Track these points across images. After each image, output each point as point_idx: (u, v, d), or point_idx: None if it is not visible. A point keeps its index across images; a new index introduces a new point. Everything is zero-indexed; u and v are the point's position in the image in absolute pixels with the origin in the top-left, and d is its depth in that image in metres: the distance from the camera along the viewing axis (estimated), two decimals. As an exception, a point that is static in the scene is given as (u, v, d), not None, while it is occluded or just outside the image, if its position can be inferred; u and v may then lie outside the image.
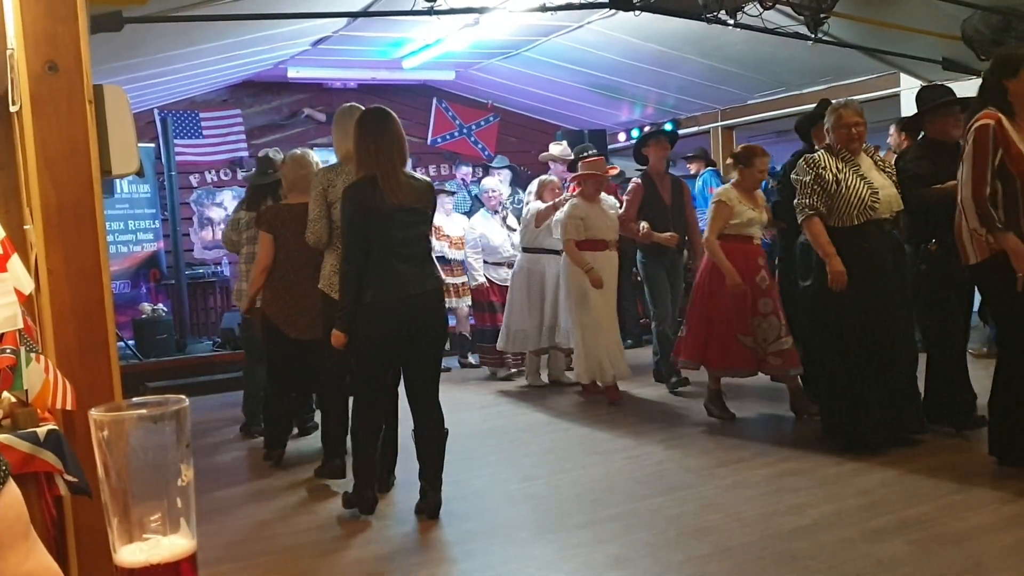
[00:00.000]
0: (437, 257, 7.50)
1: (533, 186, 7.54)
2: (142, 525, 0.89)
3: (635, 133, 10.60)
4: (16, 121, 2.90)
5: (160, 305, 8.67)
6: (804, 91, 8.62)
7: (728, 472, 4.52)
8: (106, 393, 2.54)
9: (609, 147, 10.25)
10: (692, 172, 9.37)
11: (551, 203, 6.74)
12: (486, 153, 10.75)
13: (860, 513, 3.80)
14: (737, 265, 5.42)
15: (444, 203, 8.17)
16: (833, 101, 4.91)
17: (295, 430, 5.76)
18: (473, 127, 10.92)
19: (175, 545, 0.90)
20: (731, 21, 6.02)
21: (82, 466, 2.42)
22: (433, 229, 7.66)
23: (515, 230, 7.62)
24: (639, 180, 6.77)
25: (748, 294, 5.42)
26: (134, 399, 0.92)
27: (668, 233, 6.51)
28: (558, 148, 7.91)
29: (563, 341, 6.96)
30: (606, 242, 6.38)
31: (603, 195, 6.51)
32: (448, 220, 8.20)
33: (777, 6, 5.93)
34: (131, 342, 8.04)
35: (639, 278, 7.18)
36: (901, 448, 4.66)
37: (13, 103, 2.70)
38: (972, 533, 3.48)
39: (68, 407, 2.43)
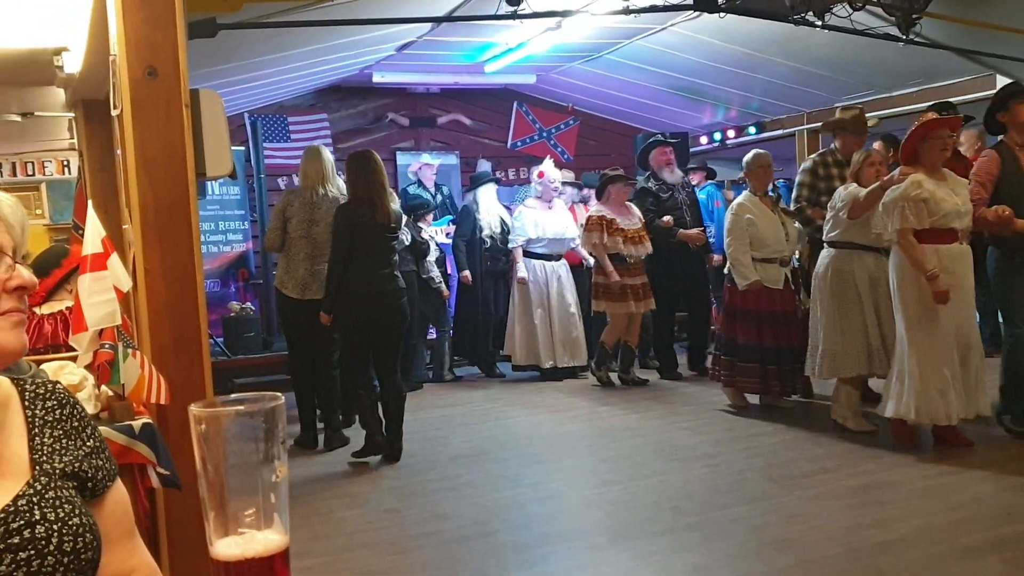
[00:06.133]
0: (612, 255, 7.09)
1: (806, 164, 6.07)
2: (237, 519, 0.90)
3: (717, 136, 10.45)
4: (117, 125, 3.00)
5: (248, 304, 8.87)
6: (894, 94, 8.37)
7: (812, 483, 4.41)
8: (198, 389, 2.61)
9: (691, 150, 10.11)
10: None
11: (876, 185, 5.01)
12: (565, 156, 10.73)
13: (951, 529, 3.66)
14: None
15: (620, 192, 7.23)
16: None
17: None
18: (553, 131, 10.90)
19: (269, 540, 0.91)
20: (819, 22, 5.88)
21: (173, 460, 2.49)
22: (600, 223, 7.11)
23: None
24: (993, 151, 5.15)
25: None
26: (231, 395, 0.94)
27: None
28: (850, 113, 6.02)
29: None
30: (955, 232, 4.72)
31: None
32: (620, 213, 7.16)
33: (867, 7, 5.77)
34: (220, 339, 8.26)
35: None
36: (995, 463, 4.49)
37: (114, 107, 2.79)
38: (1072, 554, 3.33)
39: (162, 402, 2.50)
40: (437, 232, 8.44)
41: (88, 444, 1.11)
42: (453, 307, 8.25)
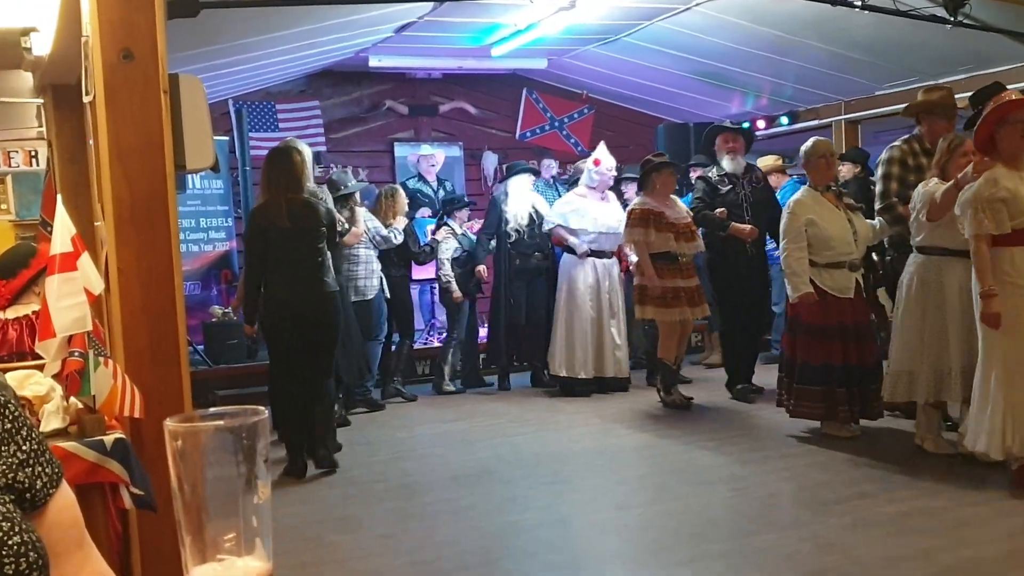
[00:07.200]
0: (662, 253, 6.77)
1: (891, 152, 5.65)
2: (216, 544, 0.90)
3: (745, 126, 10.43)
4: (89, 112, 3.01)
5: (231, 308, 8.90)
6: (940, 80, 8.34)
7: (848, 509, 4.39)
8: (176, 401, 2.62)
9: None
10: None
11: (949, 184, 4.74)
12: (579, 148, 10.74)
13: (1001, 561, 3.65)
14: None
15: (666, 182, 6.94)
16: None
17: None
18: (565, 120, 10.91)
19: (250, 567, 0.91)
20: (858, 3, 5.88)
21: (148, 479, 2.49)
22: (646, 217, 6.76)
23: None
24: None
25: None
26: (210, 409, 0.94)
27: None
28: (937, 93, 5.72)
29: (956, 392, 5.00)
30: None
31: None
32: (667, 205, 6.90)
33: (911, -15, 5.78)
34: (200, 347, 8.27)
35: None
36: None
37: (86, 93, 2.81)
38: None
39: (136, 415, 2.51)
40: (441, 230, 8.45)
41: (24, 448, 1.07)
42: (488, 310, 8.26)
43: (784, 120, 10.16)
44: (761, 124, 10.29)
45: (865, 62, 8.24)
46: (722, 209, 6.92)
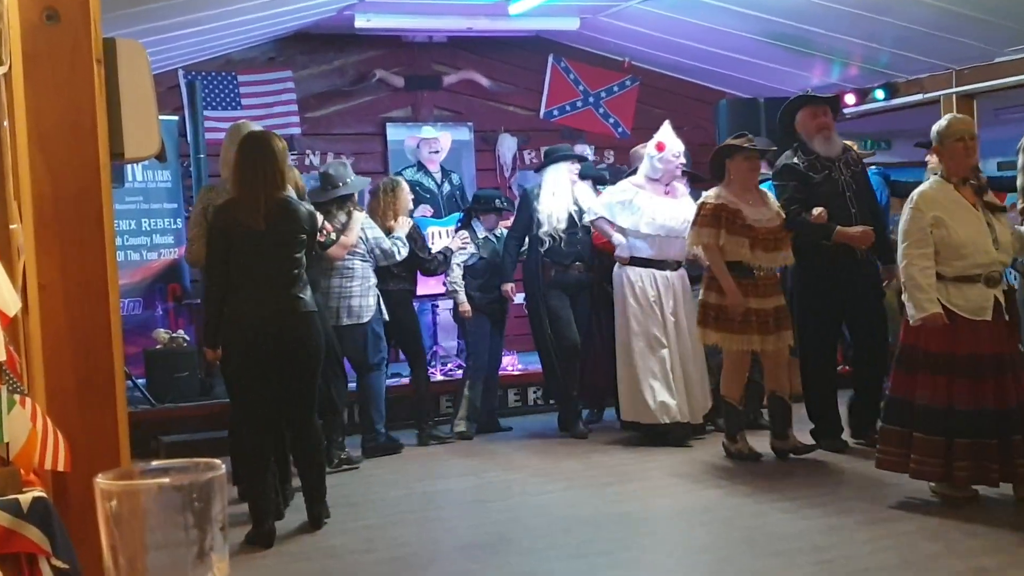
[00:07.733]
0: (733, 264, 6.58)
1: None
2: (159, 634, 0.90)
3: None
4: (3, 86, 3.03)
5: (181, 332, 8.91)
6: (1078, 44, 8.33)
7: (964, 588, 4.37)
8: (110, 450, 2.62)
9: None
10: None
11: None
12: (619, 129, 10.75)
13: None
14: None
15: (742, 170, 6.76)
16: None
17: None
18: (602, 94, 10.93)
19: (202, 664, 0.91)
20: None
21: (75, 548, 2.49)
22: (718, 214, 6.55)
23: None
24: None
25: None
26: (153, 462, 0.94)
27: None
28: None
29: None
30: None
31: None
32: (746, 200, 6.71)
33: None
34: (141, 381, 8.30)
35: None
36: None
37: (0, 63, 2.82)
38: None
39: (60, 468, 2.51)
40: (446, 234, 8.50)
41: None
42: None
43: (879, 94, 10.12)
44: (850, 99, 10.26)
45: (981, 21, 8.22)
46: (820, 209, 6.63)
